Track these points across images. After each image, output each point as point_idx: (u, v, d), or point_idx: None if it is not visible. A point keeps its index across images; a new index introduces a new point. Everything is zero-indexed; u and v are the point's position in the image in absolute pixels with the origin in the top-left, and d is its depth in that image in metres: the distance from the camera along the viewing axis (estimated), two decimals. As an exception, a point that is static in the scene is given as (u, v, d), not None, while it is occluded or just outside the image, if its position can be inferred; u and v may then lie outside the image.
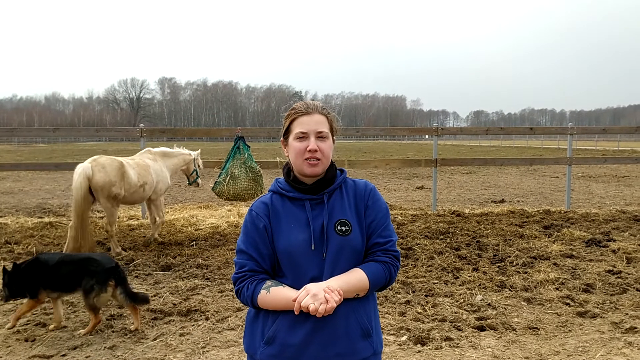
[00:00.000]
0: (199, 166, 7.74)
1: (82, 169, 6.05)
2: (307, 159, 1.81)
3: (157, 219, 7.08)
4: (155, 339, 3.82)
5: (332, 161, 1.92)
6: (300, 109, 1.86)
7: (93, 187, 6.05)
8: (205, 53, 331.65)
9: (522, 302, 4.57)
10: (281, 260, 1.82)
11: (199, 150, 7.91)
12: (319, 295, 1.66)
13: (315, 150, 1.81)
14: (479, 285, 5.02)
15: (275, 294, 1.76)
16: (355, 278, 1.78)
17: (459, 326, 4.02)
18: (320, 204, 1.85)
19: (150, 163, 6.90)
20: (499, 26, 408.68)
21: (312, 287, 1.70)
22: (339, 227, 1.81)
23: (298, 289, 1.74)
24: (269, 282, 1.80)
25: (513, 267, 5.59)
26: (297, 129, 1.84)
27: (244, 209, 9.37)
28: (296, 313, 1.69)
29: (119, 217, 8.77)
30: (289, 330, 1.76)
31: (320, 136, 1.83)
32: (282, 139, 1.93)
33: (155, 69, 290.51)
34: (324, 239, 1.79)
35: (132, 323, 4.01)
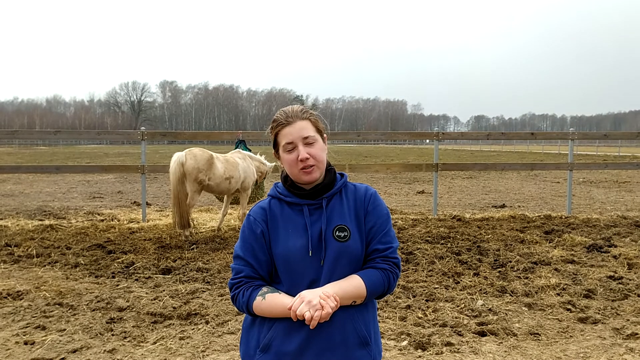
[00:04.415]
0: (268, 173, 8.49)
1: (177, 156, 6.91)
2: (302, 169, 1.78)
3: (241, 210, 8.00)
4: (155, 343, 3.81)
5: (332, 165, 1.89)
6: (280, 120, 1.82)
7: (184, 171, 6.87)
8: (206, 57, 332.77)
9: (523, 308, 4.56)
10: (278, 266, 1.79)
11: (274, 164, 8.42)
12: (314, 302, 1.64)
13: (307, 158, 1.77)
14: (480, 290, 5.00)
15: (270, 301, 1.74)
16: (352, 285, 1.74)
17: (460, 331, 4.00)
18: (319, 209, 1.81)
19: (239, 161, 7.62)
20: (499, 31, 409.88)
21: (306, 294, 1.67)
22: (337, 233, 1.77)
23: (295, 295, 1.71)
24: (265, 289, 1.77)
25: (514, 272, 5.57)
26: (283, 141, 1.81)
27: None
28: (294, 320, 1.67)
29: (119, 220, 8.79)
30: (284, 338, 1.73)
31: (307, 142, 1.79)
32: (274, 151, 1.91)
33: (157, 73, 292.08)
34: (322, 245, 1.76)
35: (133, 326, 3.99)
